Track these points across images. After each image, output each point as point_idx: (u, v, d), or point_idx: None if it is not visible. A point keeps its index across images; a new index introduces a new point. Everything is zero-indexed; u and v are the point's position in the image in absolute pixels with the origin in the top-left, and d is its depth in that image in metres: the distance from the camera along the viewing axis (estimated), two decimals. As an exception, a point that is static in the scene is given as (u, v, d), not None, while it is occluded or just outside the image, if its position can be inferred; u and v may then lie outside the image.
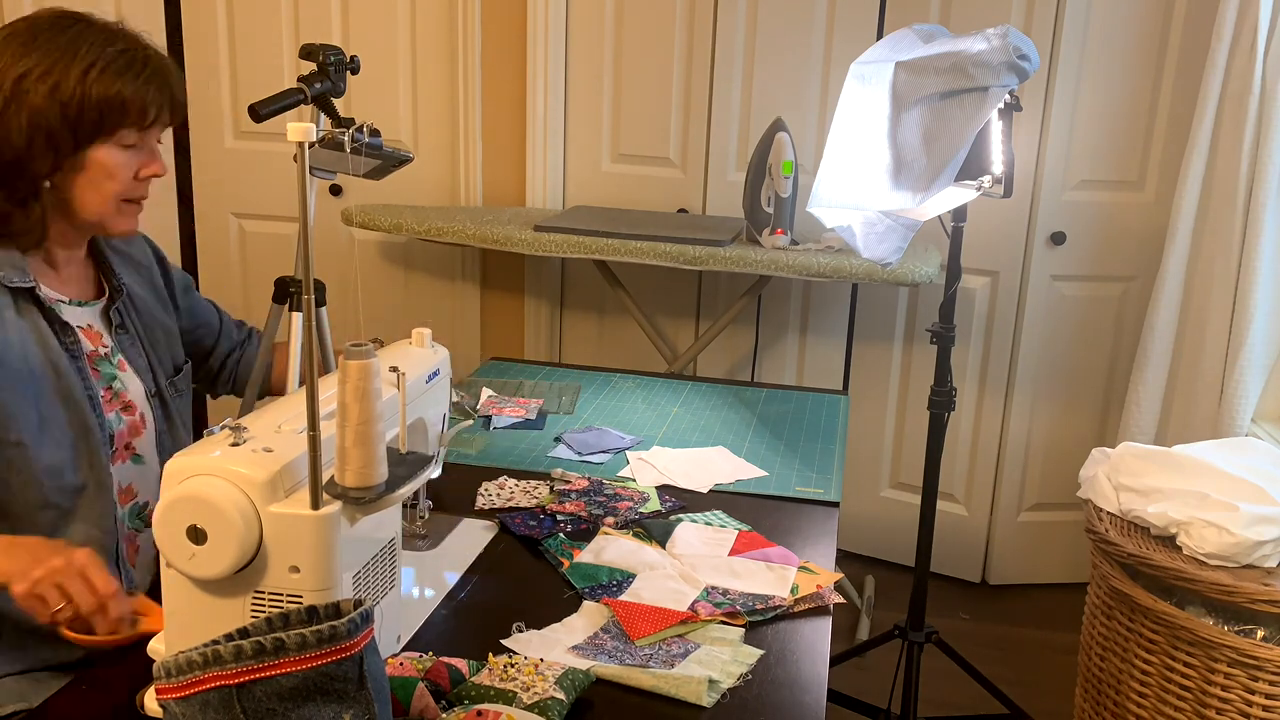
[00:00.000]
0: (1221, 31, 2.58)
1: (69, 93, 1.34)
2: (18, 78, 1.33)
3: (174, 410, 1.59)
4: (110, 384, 1.48)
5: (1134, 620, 1.97)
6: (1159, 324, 2.78)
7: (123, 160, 1.41)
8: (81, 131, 1.36)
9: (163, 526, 1.04)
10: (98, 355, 1.48)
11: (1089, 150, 2.95)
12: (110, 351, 1.51)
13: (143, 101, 1.38)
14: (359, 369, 1.03)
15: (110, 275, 1.54)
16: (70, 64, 1.35)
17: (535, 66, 3.18)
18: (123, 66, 1.37)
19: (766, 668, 1.26)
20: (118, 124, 1.38)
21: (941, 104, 1.90)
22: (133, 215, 1.47)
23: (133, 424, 1.50)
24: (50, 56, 1.34)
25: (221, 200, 3.45)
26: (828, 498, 1.75)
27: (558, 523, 1.59)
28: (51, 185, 1.39)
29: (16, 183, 1.36)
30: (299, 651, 0.87)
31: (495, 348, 3.45)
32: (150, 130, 1.43)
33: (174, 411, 1.59)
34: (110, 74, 1.36)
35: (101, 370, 1.48)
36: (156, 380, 1.57)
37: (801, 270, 2.68)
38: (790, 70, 3.07)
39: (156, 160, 1.46)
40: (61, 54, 1.35)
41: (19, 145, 1.34)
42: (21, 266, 1.39)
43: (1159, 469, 2.05)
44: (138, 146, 1.42)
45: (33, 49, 1.35)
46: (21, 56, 1.34)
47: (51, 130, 1.34)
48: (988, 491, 3.24)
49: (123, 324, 1.54)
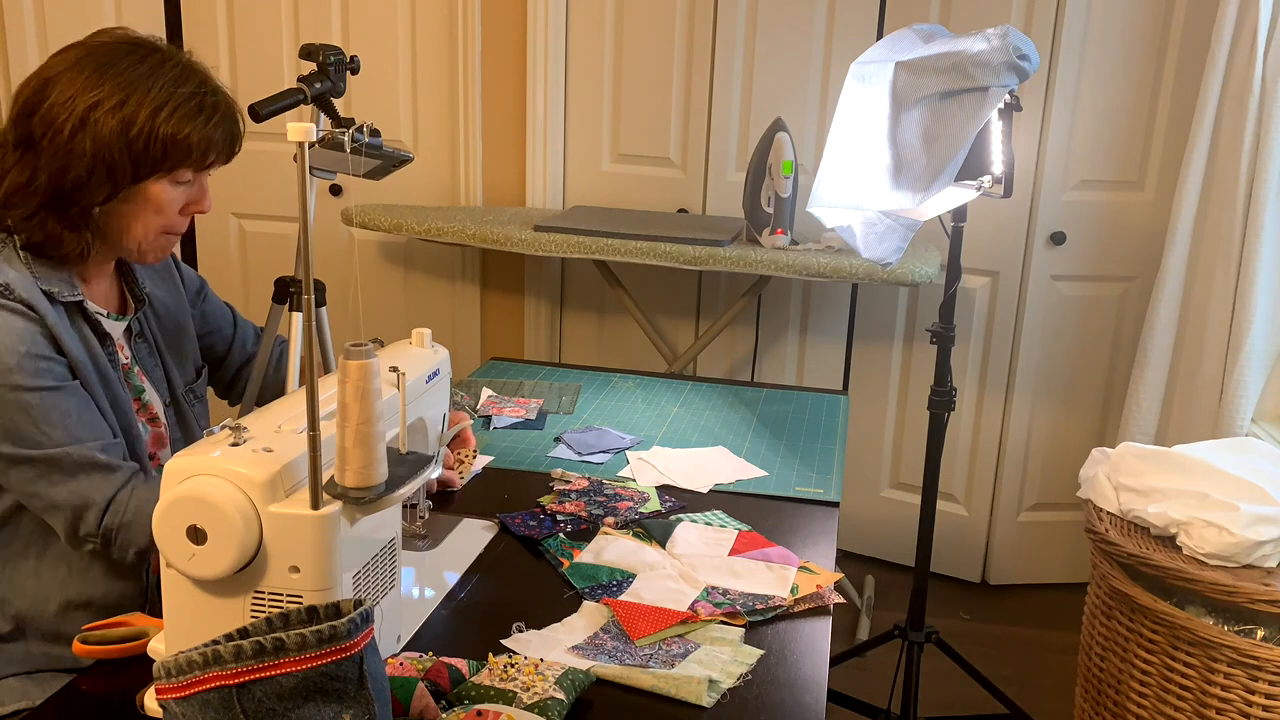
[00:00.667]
0: (1221, 31, 2.58)
1: (138, 129, 1.34)
2: (89, 106, 1.33)
3: (191, 419, 1.60)
4: (140, 395, 1.51)
5: (1134, 620, 1.97)
6: (1159, 324, 2.78)
7: (175, 196, 1.42)
8: (143, 167, 1.36)
9: (163, 526, 1.04)
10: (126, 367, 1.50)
11: (1089, 150, 2.95)
12: (130, 362, 1.52)
13: (207, 144, 1.40)
14: (359, 369, 1.03)
15: (134, 285, 1.55)
16: (143, 100, 1.35)
17: (535, 66, 3.18)
18: (194, 110, 1.38)
19: (766, 668, 1.26)
20: (179, 163, 1.39)
21: (941, 104, 1.91)
22: (170, 247, 1.48)
23: (157, 434, 1.52)
24: (124, 90, 1.34)
25: (221, 200, 3.45)
26: (828, 498, 1.75)
27: (558, 523, 1.59)
28: (101, 212, 1.39)
29: (71, 208, 1.36)
30: (299, 651, 0.87)
31: (495, 348, 3.45)
32: (208, 170, 1.45)
33: (191, 420, 1.60)
34: (180, 115, 1.37)
35: (132, 382, 1.50)
36: (172, 390, 1.58)
37: (801, 270, 2.68)
38: (790, 70, 3.07)
39: (205, 198, 1.47)
40: (135, 88, 1.35)
41: (80, 173, 1.34)
42: (70, 281, 1.40)
43: (1159, 469, 2.05)
44: (190, 183, 1.44)
45: (105, 79, 1.34)
46: (95, 85, 1.34)
47: (114, 163, 1.34)
48: (988, 491, 3.24)
49: (141, 333, 1.55)
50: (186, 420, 1.59)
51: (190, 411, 1.60)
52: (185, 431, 1.58)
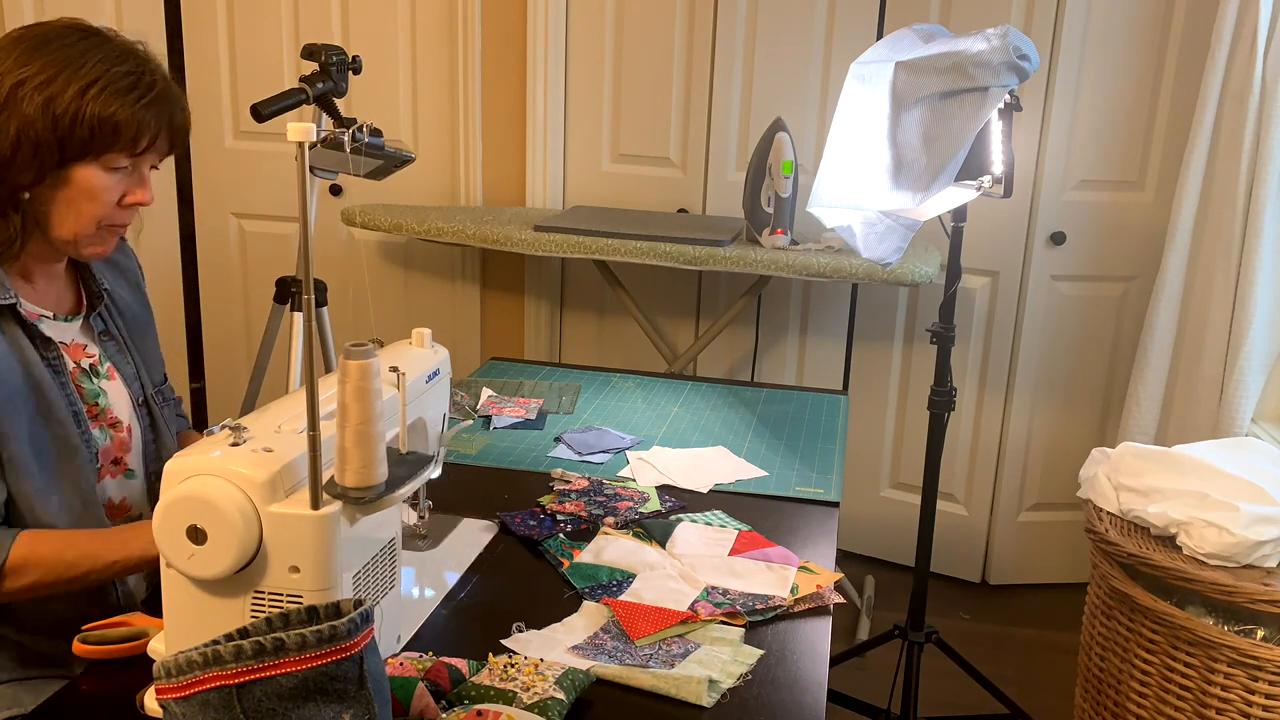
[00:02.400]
0: (1221, 31, 2.58)
1: (63, 107, 1.29)
2: (15, 84, 1.29)
3: (161, 422, 1.54)
4: (96, 399, 1.44)
5: (1134, 620, 1.97)
6: (1159, 324, 2.78)
7: (108, 183, 1.35)
8: (69, 148, 1.31)
9: (163, 526, 1.04)
10: (82, 370, 1.44)
11: (1089, 150, 2.95)
12: (98, 360, 1.47)
13: (138, 126, 1.33)
14: (359, 369, 1.03)
15: (91, 281, 1.49)
16: (71, 78, 1.30)
17: (535, 66, 3.18)
18: (125, 88, 1.32)
19: (766, 668, 1.26)
20: (108, 145, 1.32)
21: (941, 104, 1.91)
22: (109, 241, 1.41)
23: (119, 440, 1.46)
24: (53, 67, 1.30)
25: (221, 200, 3.45)
26: (828, 498, 1.75)
27: (558, 523, 1.59)
28: (30, 198, 1.34)
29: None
30: (299, 651, 0.87)
31: (495, 348, 3.45)
32: (143, 156, 1.37)
33: (162, 423, 1.54)
34: (109, 94, 1.31)
35: (85, 386, 1.43)
36: (144, 388, 1.53)
37: (801, 270, 2.68)
38: (790, 70, 3.07)
39: (144, 188, 1.39)
40: (65, 66, 1.30)
41: (4, 152, 1.29)
42: (1, 282, 1.34)
43: (1159, 469, 2.05)
44: (127, 171, 1.37)
45: (37, 56, 1.30)
46: (25, 63, 1.30)
47: (39, 142, 1.29)
48: (988, 491, 3.24)
49: (107, 330, 1.50)
50: (156, 422, 1.53)
51: (160, 414, 1.54)
52: (156, 433, 1.53)
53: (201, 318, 3.58)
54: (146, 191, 1.40)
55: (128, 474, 1.47)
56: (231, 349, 3.58)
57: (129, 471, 1.48)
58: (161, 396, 1.57)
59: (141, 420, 1.51)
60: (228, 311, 3.55)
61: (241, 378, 3.54)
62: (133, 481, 1.48)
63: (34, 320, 1.37)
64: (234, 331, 3.56)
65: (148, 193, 1.40)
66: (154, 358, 1.59)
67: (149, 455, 1.51)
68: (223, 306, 3.55)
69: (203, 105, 3.37)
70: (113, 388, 1.48)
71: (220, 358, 3.60)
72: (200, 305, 3.57)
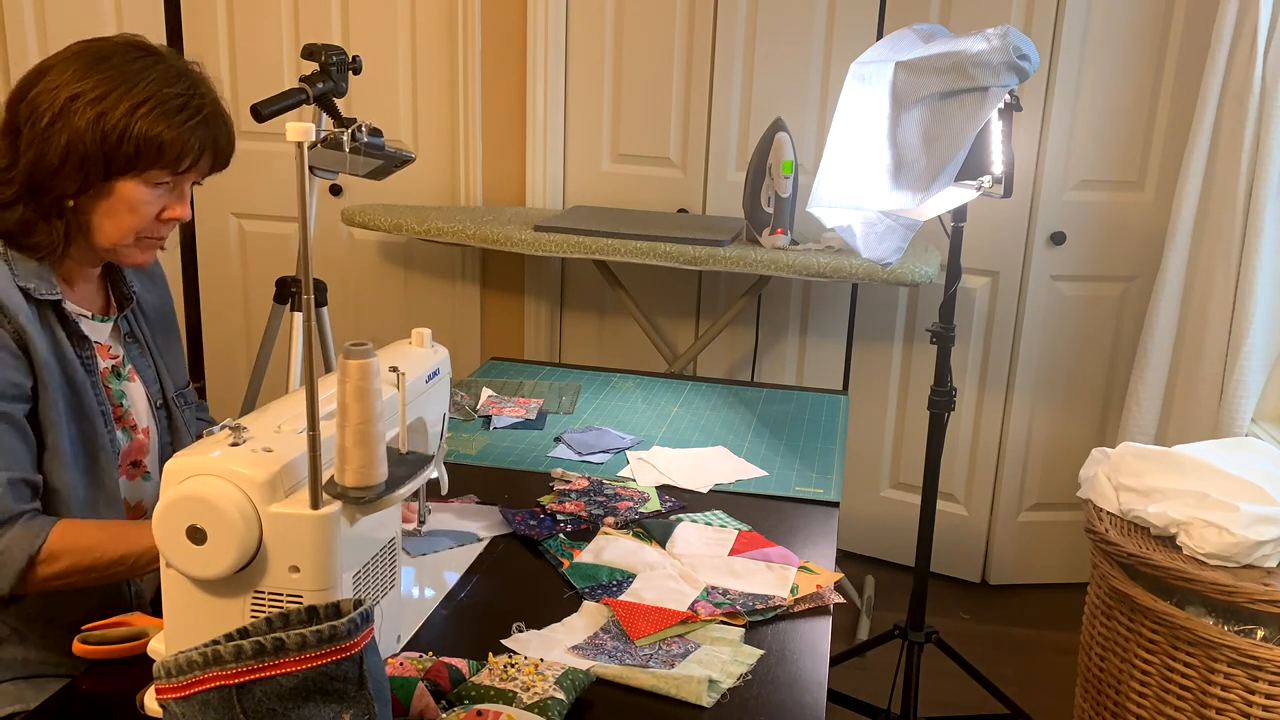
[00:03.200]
0: (1221, 31, 2.58)
1: (113, 122, 1.33)
2: (70, 96, 1.33)
3: (181, 422, 1.58)
4: (120, 401, 1.48)
5: (1134, 620, 1.97)
6: (1159, 324, 2.78)
7: (148, 198, 1.39)
8: (115, 162, 1.35)
9: (163, 526, 1.04)
10: (109, 371, 1.48)
11: (1089, 150, 2.95)
12: (121, 361, 1.50)
13: (182, 146, 1.37)
14: (359, 369, 1.03)
15: (121, 283, 1.54)
16: (124, 95, 1.34)
17: (535, 66, 3.18)
18: (174, 109, 1.36)
19: (766, 668, 1.26)
20: (152, 163, 1.37)
21: (941, 104, 1.91)
22: (149, 251, 1.46)
23: (138, 443, 1.50)
24: (108, 84, 1.34)
25: (221, 200, 3.45)
26: (828, 498, 1.75)
27: (558, 523, 1.59)
28: (74, 206, 1.38)
29: (44, 197, 1.36)
30: (299, 651, 0.87)
31: (495, 348, 3.45)
32: (185, 175, 1.42)
33: (180, 424, 1.58)
34: (158, 114, 1.35)
35: (113, 387, 1.48)
36: (164, 390, 1.56)
37: (801, 270, 2.68)
38: (790, 70, 3.07)
39: (183, 204, 1.44)
40: (119, 83, 1.34)
41: (54, 162, 1.33)
42: (48, 279, 1.39)
43: (1159, 469, 2.05)
44: (169, 187, 1.42)
45: (95, 72, 1.34)
46: (83, 77, 1.34)
47: (87, 154, 1.33)
48: (988, 491, 3.24)
49: (131, 332, 1.54)
50: (176, 424, 1.57)
51: (180, 415, 1.58)
52: (174, 435, 1.56)
53: (201, 318, 3.58)
54: (185, 208, 1.45)
55: (145, 477, 1.50)
56: (231, 349, 3.58)
57: (146, 474, 1.51)
58: (183, 399, 1.60)
59: (159, 423, 1.54)
60: (228, 311, 3.55)
61: (241, 378, 3.54)
62: (149, 484, 1.51)
63: (75, 319, 1.42)
64: (234, 331, 3.56)
65: (186, 209, 1.45)
66: (177, 361, 1.63)
67: (165, 459, 1.53)
68: (223, 306, 3.55)
69: (203, 105, 3.37)
70: (133, 389, 1.51)
71: (220, 358, 3.60)
72: (200, 305, 3.57)
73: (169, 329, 1.63)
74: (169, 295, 1.66)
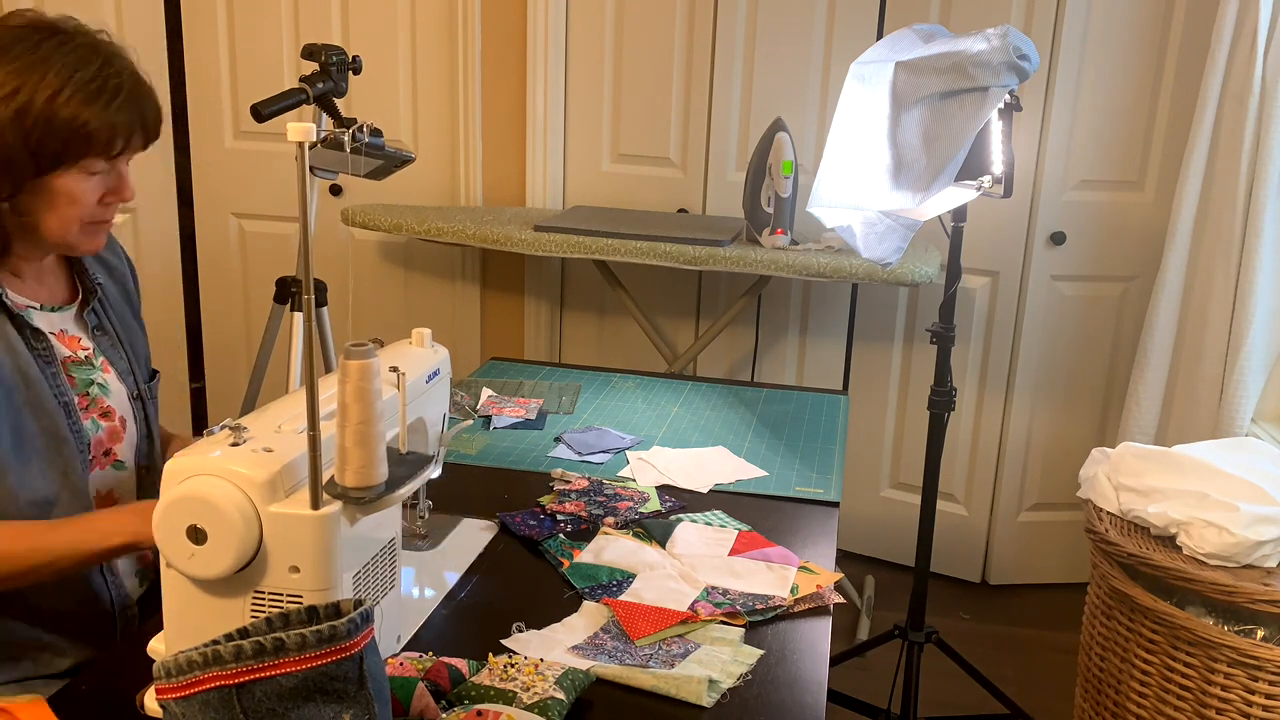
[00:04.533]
0: (1221, 31, 2.58)
1: (32, 119, 1.26)
2: None
3: (151, 415, 1.54)
4: (87, 389, 1.43)
5: (1134, 620, 1.97)
6: (1159, 324, 2.78)
7: (88, 187, 1.34)
8: (43, 159, 1.29)
9: (163, 526, 1.04)
10: (75, 360, 1.43)
11: (1089, 150, 2.95)
12: (92, 354, 1.47)
13: (111, 131, 1.31)
14: (359, 369, 1.03)
15: (84, 275, 1.49)
16: (37, 86, 1.27)
17: (535, 66, 3.18)
18: (93, 93, 1.29)
19: (766, 668, 1.26)
20: (83, 153, 1.31)
21: (941, 104, 1.91)
22: (97, 237, 1.41)
23: (112, 429, 1.46)
24: (16, 77, 1.27)
25: (221, 200, 3.45)
26: (828, 498, 1.75)
27: (558, 523, 1.59)
28: (12, 208, 1.33)
29: None
30: (299, 651, 0.87)
31: (495, 348, 3.45)
32: (119, 158, 1.36)
33: (151, 416, 1.54)
34: (78, 100, 1.28)
35: (78, 376, 1.43)
36: (138, 382, 1.53)
37: (801, 270, 2.68)
38: (790, 70, 3.07)
39: (124, 186, 1.38)
40: (29, 74, 1.27)
41: None
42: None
43: (1159, 469, 2.05)
44: (105, 172, 1.36)
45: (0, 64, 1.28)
46: None
47: (11, 156, 1.27)
48: (988, 491, 3.24)
49: (100, 325, 1.50)
50: (149, 417, 1.53)
51: (150, 407, 1.54)
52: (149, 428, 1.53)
53: (201, 318, 3.58)
54: (127, 189, 1.39)
55: (117, 465, 1.47)
56: (231, 349, 3.58)
57: (118, 463, 1.47)
58: (151, 392, 1.57)
59: (137, 413, 1.51)
60: (228, 311, 3.55)
61: (241, 378, 3.54)
62: (122, 473, 1.48)
63: (20, 311, 1.37)
64: (234, 331, 3.56)
65: (128, 190, 1.40)
66: (142, 356, 1.60)
67: (140, 449, 1.52)
68: (223, 306, 3.55)
69: (203, 105, 3.37)
70: (108, 379, 1.48)
71: (220, 358, 3.60)
72: (200, 305, 3.57)
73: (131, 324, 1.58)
74: (132, 287, 1.62)
